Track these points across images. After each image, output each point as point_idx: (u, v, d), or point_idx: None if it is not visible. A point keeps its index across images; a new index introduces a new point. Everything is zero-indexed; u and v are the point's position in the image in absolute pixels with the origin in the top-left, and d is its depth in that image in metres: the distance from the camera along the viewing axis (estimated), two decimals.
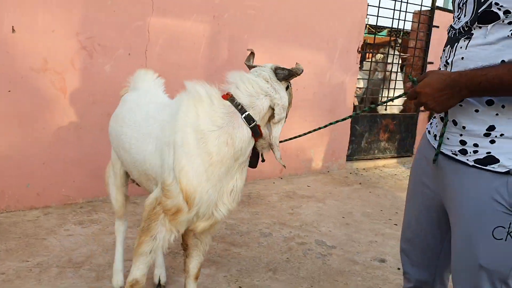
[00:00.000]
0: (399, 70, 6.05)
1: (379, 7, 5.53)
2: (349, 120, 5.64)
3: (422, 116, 6.46)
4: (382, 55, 7.01)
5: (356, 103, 6.61)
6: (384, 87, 6.14)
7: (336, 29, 5.17)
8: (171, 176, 1.76)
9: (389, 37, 6.89)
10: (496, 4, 1.31)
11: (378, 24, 5.80)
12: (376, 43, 9.97)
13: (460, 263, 1.49)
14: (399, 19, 5.78)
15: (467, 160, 1.43)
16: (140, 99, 2.22)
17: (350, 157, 5.78)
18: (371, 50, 8.31)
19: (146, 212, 1.88)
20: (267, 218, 3.88)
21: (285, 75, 1.85)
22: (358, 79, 5.83)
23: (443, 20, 6.31)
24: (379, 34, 13.85)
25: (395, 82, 6.07)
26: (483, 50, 1.36)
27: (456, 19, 1.51)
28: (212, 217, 1.87)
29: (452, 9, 1.63)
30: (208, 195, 1.77)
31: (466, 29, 1.43)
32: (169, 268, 2.80)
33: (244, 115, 1.76)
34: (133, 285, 1.94)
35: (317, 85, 5.19)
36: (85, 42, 3.58)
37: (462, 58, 1.41)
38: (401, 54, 6.06)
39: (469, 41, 1.40)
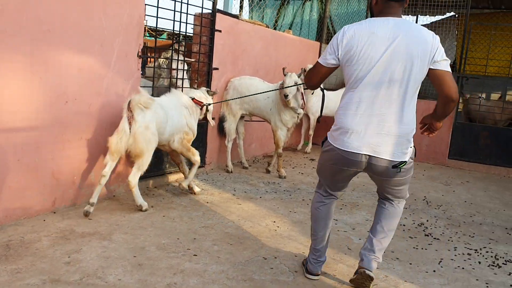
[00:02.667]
0: (185, 76, 5.61)
1: (158, 7, 4.97)
2: None
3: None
4: (165, 60, 6.50)
5: None
6: None
7: (109, 30, 4.42)
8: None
9: (171, 41, 6.44)
10: None
11: (159, 26, 5.24)
12: (158, 47, 9.47)
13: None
14: (180, 22, 5.32)
15: None
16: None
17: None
18: (153, 55, 7.74)
19: (181, 148, 4.81)
20: (35, 275, 2.95)
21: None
22: (141, 86, 5.18)
23: (224, 25, 6.11)
24: (160, 37, 13.44)
25: (182, 90, 5.60)
26: None
27: None
28: None
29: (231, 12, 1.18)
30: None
31: None
32: None
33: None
34: (198, 164, 4.98)
35: (92, 96, 4.36)
36: None
37: None
38: (186, 59, 5.62)
39: None
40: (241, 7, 7.26)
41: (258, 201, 5.04)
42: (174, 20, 5.25)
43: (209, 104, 5.08)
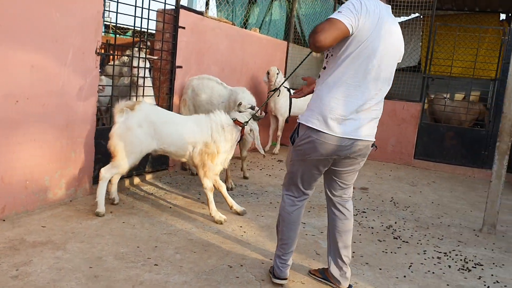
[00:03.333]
0: (148, 75, 5.37)
1: (118, 2, 4.72)
2: (92, 136, 4.68)
3: None
4: (127, 58, 6.25)
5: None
6: (133, 93, 5.35)
7: (64, 25, 4.15)
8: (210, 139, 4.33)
9: (135, 38, 6.17)
10: None
11: (122, 23, 4.98)
12: (122, 44, 9.16)
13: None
14: (142, 18, 5.08)
15: None
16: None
17: (97, 179, 4.82)
18: (116, 53, 7.46)
19: (198, 158, 4.34)
20: None
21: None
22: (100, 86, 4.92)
23: (189, 21, 5.90)
24: (125, 35, 13.06)
25: (143, 88, 5.36)
26: None
27: None
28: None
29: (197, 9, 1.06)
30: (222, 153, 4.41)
31: None
32: None
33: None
34: (210, 191, 4.35)
35: (46, 95, 4.08)
36: None
37: None
38: (148, 56, 5.37)
39: None
40: (207, 3, 7.05)
41: (224, 205, 4.85)
42: (135, 16, 5.01)
43: (246, 123, 4.45)
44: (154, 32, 5.74)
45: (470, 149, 7.84)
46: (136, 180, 5.38)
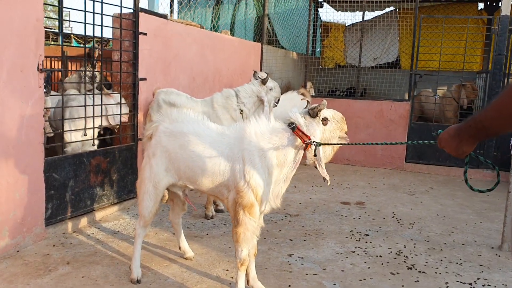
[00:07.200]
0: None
1: (60, 7, 3.93)
2: (40, 169, 3.88)
3: (141, 145, 5.16)
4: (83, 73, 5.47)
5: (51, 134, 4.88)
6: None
7: None
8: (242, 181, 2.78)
9: (89, 48, 5.37)
10: None
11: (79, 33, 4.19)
12: (79, 56, 8.30)
13: None
14: (94, 24, 4.30)
15: None
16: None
17: (51, 220, 4.04)
18: (70, 67, 6.68)
19: (232, 212, 2.89)
20: None
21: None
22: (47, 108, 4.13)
23: (151, 26, 5.13)
24: (89, 45, 12.16)
25: (101, 107, 4.58)
26: None
27: None
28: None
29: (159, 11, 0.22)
30: (266, 195, 2.81)
31: None
32: None
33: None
34: (243, 264, 2.89)
35: None
36: None
37: None
38: (105, 70, 4.61)
39: None
40: (171, 5, 6.30)
41: (204, 240, 4.13)
42: (85, 23, 4.23)
43: (319, 144, 2.81)
44: (109, 40, 4.96)
45: None
46: (99, 215, 4.59)
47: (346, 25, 11.63)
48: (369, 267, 3.68)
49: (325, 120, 2.86)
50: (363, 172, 7.36)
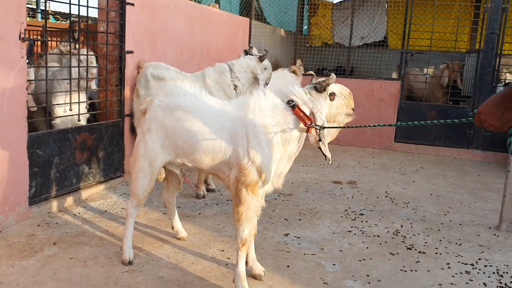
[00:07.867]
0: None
1: None
2: (23, 145, 3.66)
3: (128, 121, 4.95)
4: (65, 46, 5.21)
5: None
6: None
7: None
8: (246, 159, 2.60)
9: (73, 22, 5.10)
10: None
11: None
12: (59, 29, 7.96)
13: None
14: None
15: None
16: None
17: (35, 199, 3.83)
18: (55, 39, 6.39)
19: (234, 190, 2.69)
20: None
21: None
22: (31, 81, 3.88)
23: None
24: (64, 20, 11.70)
25: (87, 83, 4.35)
26: None
27: None
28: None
29: None
30: (270, 174, 2.66)
31: None
32: None
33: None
34: (244, 244, 2.70)
35: None
36: None
37: None
38: (90, 42, 4.35)
39: None
40: None
41: (197, 219, 3.98)
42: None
43: (322, 128, 2.70)
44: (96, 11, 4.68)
45: (454, 128, 7.23)
46: (85, 193, 4.39)
47: (334, 2, 11.44)
48: (367, 247, 3.60)
49: (332, 95, 2.71)
50: (352, 152, 7.28)
